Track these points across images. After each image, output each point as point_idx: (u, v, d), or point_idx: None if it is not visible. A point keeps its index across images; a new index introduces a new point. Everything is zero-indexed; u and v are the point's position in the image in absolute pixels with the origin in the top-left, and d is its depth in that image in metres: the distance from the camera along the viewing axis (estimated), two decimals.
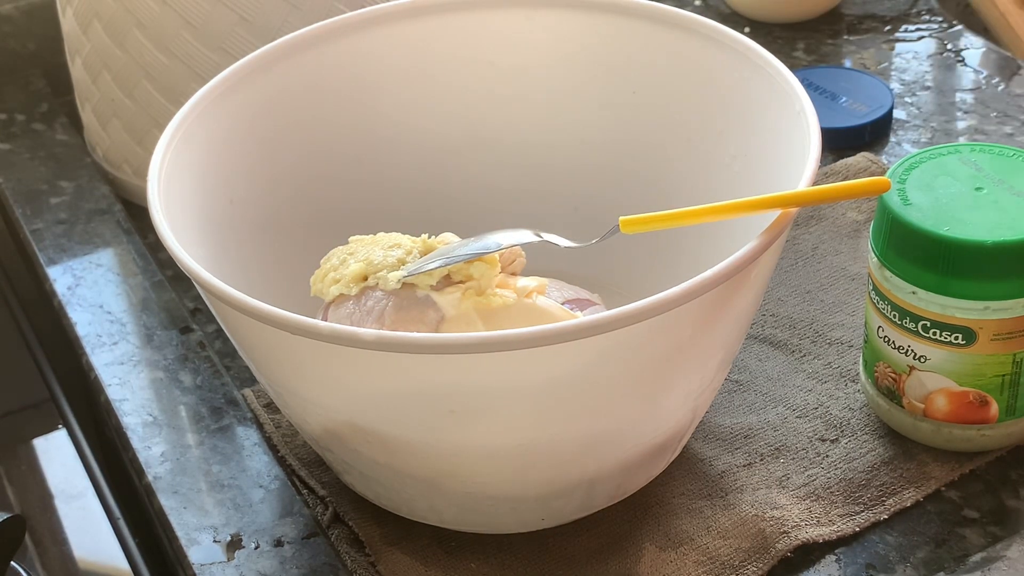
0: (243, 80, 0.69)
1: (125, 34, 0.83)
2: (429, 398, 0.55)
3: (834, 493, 0.65)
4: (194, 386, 0.74)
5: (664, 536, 0.64)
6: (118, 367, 0.75)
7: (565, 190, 0.76)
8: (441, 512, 0.63)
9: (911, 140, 0.90)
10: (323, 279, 0.63)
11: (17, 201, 0.89)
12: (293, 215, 0.72)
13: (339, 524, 0.65)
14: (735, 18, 1.04)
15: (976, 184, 0.64)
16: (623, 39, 0.72)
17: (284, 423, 0.71)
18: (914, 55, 0.98)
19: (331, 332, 0.53)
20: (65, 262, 0.84)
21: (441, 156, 0.76)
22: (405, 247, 0.63)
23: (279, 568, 0.63)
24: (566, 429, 0.58)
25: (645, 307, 0.52)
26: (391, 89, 0.74)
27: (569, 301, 0.64)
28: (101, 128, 0.89)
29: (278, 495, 0.67)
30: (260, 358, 0.60)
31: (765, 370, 0.73)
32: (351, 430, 0.59)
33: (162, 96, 0.83)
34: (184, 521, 0.66)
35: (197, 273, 0.56)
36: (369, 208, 0.74)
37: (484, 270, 0.61)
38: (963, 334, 0.63)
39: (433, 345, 0.52)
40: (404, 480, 0.61)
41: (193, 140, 0.66)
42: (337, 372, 0.56)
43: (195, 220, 0.64)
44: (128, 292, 0.81)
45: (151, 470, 0.69)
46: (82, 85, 0.89)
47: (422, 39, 0.74)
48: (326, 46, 0.72)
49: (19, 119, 0.98)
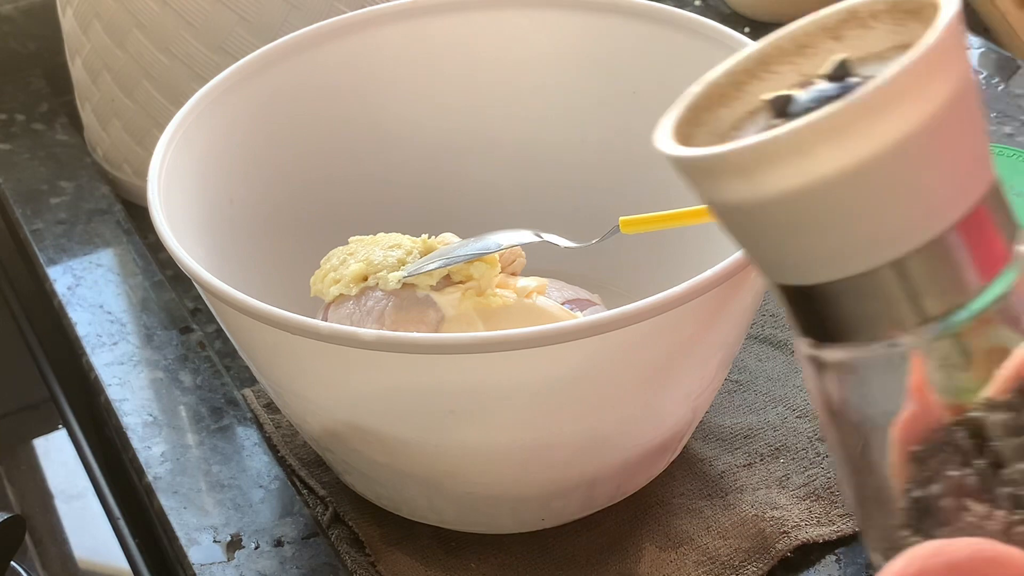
0: (243, 80, 0.69)
1: (125, 34, 0.83)
2: (429, 398, 0.55)
3: (834, 493, 0.65)
4: (194, 386, 0.74)
5: (664, 536, 0.64)
6: (118, 367, 0.75)
7: (565, 190, 0.76)
8: (441, 512, 0.63)
9: None
10: (323, 279, 0.63)
11: (17, 201, 0.89)
12: (293, 215, 0.72)
13: (339, 524, 0.65)
14: (735, 18, 1.04)
15: None
16: (623, 39, 0.72)
17: (284, 423, 0.71)
18: None
19: (331, 332, 0.53)
20: (65, 262, 0.84)
21: (441, 156, 0.76)
22: (405, 247, 0.63)
23: (279, 568, 0.63)
24: (566, 429, 0.57)
25: (645, 307, 0.52)
26: (391, 89, 0.74)
27: (569, 301, 0.64)
28: (101, 128, 0.89)
29: (278, 495, 0.67)
30: (260, 358, 0.60)
31: (765, 370, 0.72)
32: (351, 430, 0.59)
33: (162, 96, 0.83)
34: (184, 521, 0.66)
35: (197, 273, 0.56)
36: (369, 208, 0.74)
37: (484, 270, 0.61)
38: None
39: (433, 345, 0.52)
40: (404, 480, 0.61)
41: (193, 140, 0.66)
42: (337, 372, 0.56)
43: (195, 220, 0.64)
44: (128, 292, 0.81)
45: (151, 470, 0.69)
46: (82, 85, 0.89)
47: (422, 39, 0.74)
48: (326, 46, 0.72)
49: (19, 119, 0.98)
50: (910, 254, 0.35)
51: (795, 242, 0.35)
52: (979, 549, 0.34)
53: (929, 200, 0.34)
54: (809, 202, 0.34)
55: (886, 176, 0.33)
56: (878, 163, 0.33)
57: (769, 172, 0.34)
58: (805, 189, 0.33)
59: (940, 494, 0.36)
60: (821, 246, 0.35)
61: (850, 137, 0.33)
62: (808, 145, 0.33)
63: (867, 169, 0.33)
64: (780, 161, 0.33)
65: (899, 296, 0.35)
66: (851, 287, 0.35)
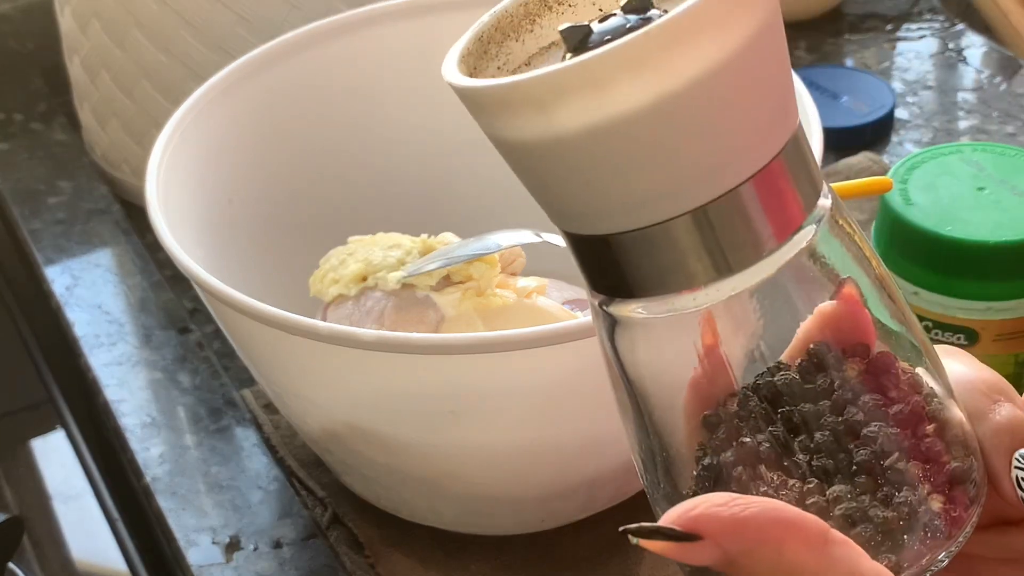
0: (242, 79, 0.69)
1: (124, 33, 0.82)
2: (429, 398, 0.55)
3: None
4: (193, 387, 0.74)
5: None
6: (116, 367, 0.75)
7: None
8: (441, 513, 0.63)
9: (913, 140, 0.89)
10: (322, 280, 0.63)
11: (15, 201, 0.89)
12: (292, 215, 0.72)
13: (338, 525, 0.65)
14: None
15: (978, 184, 0.64)
16: None
17: (283, 424, 0.70)
18: (916, 54, 0.98)
19: (330, 332, 0.53)
20: (63, 262, 0.84)
21: (441, 156, 0.76)
22: (405, 247, 0.62)
23: (278, 569, 0.63)
24: (567, 429, 0.57)
25: None
26: (391, 88, 0.74)
27: (569, 301, 0.63)
28: (100, 128, 0.89)
29: (277, 496, 0.67)
30: (259, 359, 0.60)
31: None
32: (350, 431, 0.58)
33: (161, 95, 0.83)
34: (182, 522, 0.66)
35: (195, 273, 0.56)
36: (369, 208, 0.74)
37: (484, 270, 0.60)
38: (965, 335, 0.63)
39: (433, 345, 0.52)
40: (404, 481, 0.60)
41: (191, 140, 0.66)
42: (336, 372, 0.56)
43: (193, 220, 0.64)
44: (126, 292, 0.81)
45: (149, 471, 0.69)
46: (80, 85, 0.89)
47: (422, 38, 0.73)
48: (326, 45, 0.72)
49: (17, 119, 0.98)
50: (708, 205, 0.33)
51: (589, 187, 0.33)
52: (771, 507, 0.32)
53: (730, 146, 0.33)
54: (604, 141, 0.32)
55: (685, 116, 0.32)
56: (677, 100, 0.31)
57: (564, 106, 0.32)
58: (601, 126, 0.32)
59: (732, 462, 0.35)
60: (614, 192, 0.33)
61: (649, 70, 0.31)
62: (605, 77, 0.31)
63: (666, 106, 0.31)
64: (576, 93, 0.32)
65: (694, 250, 0.33)
66: (645, 238, 0.33)
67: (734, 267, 0.34)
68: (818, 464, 0.34)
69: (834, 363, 0.35)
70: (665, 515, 0.32)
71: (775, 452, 0.35)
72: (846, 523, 0.34)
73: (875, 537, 0.34)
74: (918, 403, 0.35)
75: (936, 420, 0.36)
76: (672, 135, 0.32)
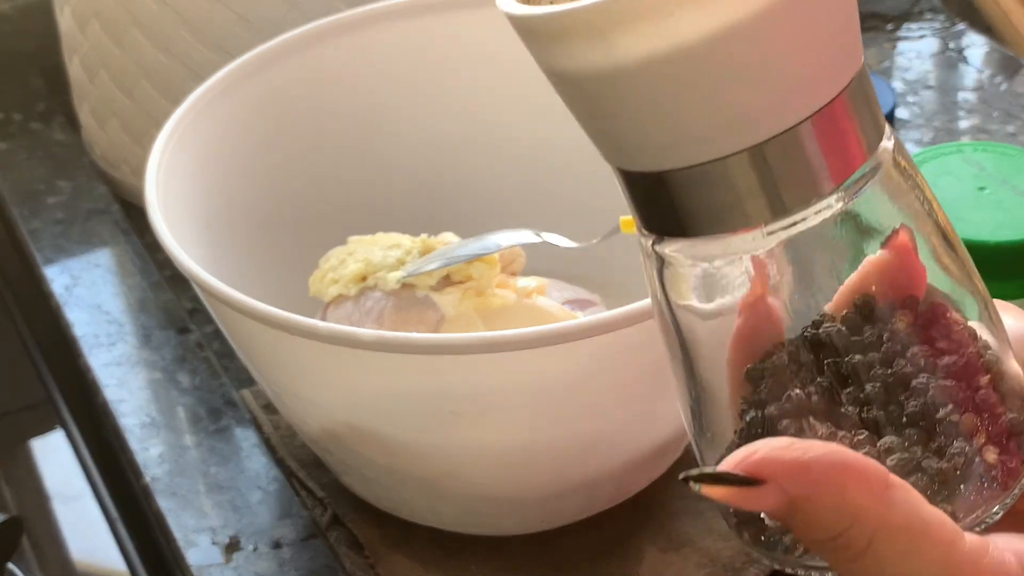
0: (241, 79, 0.69)
1: (123, 33, 0.82)
2: (429, 399, 0.55)
3: None
4: (192, 387, 0.73)
5: (666, 538, 0.63)
6: (116, 368, 0.75)
7: (565, 190, 0.75)
8: (441, 514, 0.63)
9: (913, 139, 0.89)
10: (322, 280, 0.63)
11: (14, 201, 0.89)
12: (292, 215, 0.72)
13: (338, 526, 0.65)
14: None
15: (979, 184, 0.64)
16: None
17: (283, 424, 0.70)
18: (916, 54, 0.98)
19: (330, 332, 0.53)
20: (62, 262, 0.83)
21: (441, 155, 0.76)
22: (404, 247, 0.62)
23: (277, 570, 0.63)
24: (567, 430, 0.57)
25: (645, 307, 0.52)
26: (391, 88, 0.74)
27: (569, 301, 0.63)
28: (99, 127, 0.89)
29: (276, 497, 0.67)
30: (259, 359, 0.60)
31: None
32: (350, 431, 0.58)
33: (160, 95, 0.83)
34: (182, 523, 0.66)
35: (195, 273, 0.56)
36: (369, 208, 0.74)
37: (484, 270, 0.60)
38: None
39: (433, 345, 0.52)
40: (404, 481, 0.60)
41: (191, 139, 0.66)
42: (336, 372, 0.56)
43: (193, 220, 0.64)
44: (126, 292, 0.81)
45: (149, 471, 0.68)
46: (80, 84, 0.89)
47: (422, 38, 0.73)
48: (325, 44, 0.72)
49: (16, 118, 0.98)
50: (768, 142, 0.32)
51: (647, 121, 0.33)
52: (833, 450, 0.31)
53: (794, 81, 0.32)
54: (666, 72, 0.31)
55: (750, 47, 0.31)
56: (742, 31, 0.31)
57: (626, 34, 0.31)
58: (662, 56, 0.31)
59: (778, 415, 0.34)
60: (673, 127, 0.32)
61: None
62: (669, 4, 0.30)
63: (731, 37, 0.31)
64: (639, 21, 0.31)
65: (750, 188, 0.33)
66: (701, 175, 0.33)
67: (790, 208, 0.33)
68: (868, 416, 0.34)
69: (884, 314, 0.35)
70: (725, 461, 0.31)
71: (824, 403, 0.34)
72: (899, 474, 0.33)
73: (930, 487, 0.33)
74: (972, 354, 0.35)
75: (991, 371, 0.35)
76: (735, 67, 0.31)
